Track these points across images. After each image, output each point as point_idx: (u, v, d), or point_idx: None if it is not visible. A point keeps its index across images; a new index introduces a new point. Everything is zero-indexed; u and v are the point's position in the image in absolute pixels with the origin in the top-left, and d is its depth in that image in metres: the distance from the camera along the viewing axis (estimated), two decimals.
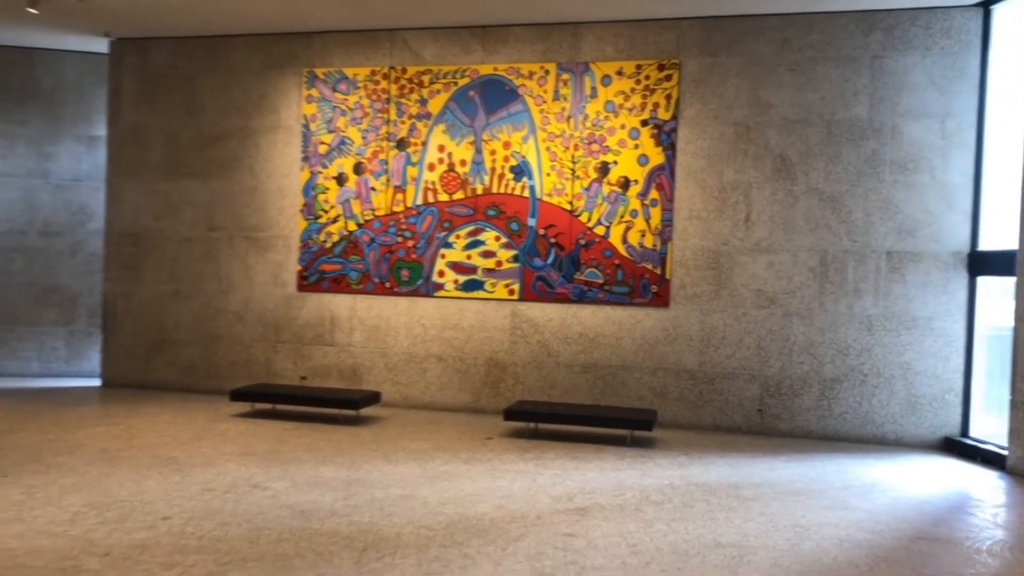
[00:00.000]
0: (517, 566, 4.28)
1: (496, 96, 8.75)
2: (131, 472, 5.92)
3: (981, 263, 7.61)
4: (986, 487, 6.46)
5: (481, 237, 8.79)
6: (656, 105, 8.40)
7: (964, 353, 7.75)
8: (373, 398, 8.27)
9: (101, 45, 9.98)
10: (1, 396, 8.98)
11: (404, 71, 9.00)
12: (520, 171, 8.67)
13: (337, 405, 8.00)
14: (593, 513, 5.30)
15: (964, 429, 7.74)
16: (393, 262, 9.06)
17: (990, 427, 7.53)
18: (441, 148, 8.89)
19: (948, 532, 5.21)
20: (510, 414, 7.62)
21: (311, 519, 4.96)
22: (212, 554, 4.30)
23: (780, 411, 8.14)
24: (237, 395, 8.21)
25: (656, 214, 8.39)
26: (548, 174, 8.61)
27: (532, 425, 7.93)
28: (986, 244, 7.65)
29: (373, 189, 9.11)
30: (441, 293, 8.93)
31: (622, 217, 8.45)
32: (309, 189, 9.29)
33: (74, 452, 6.46)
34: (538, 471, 6.38)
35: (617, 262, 8.47)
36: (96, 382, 10.06)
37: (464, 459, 6.70)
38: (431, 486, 5.83)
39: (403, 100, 9.00)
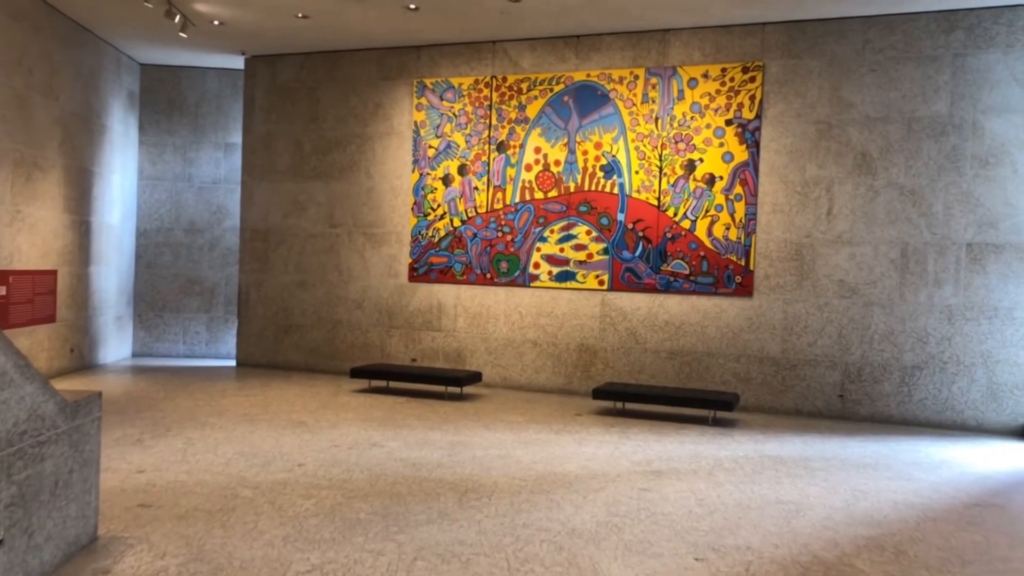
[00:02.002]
0: (595, 509, 4.97)
1: (589, 100, 9.43)
2: (269, 431, 6.92)
3: None
4: None
5: (573, 231, 9.48)
6: (740, 105, 8.88)
7: None
8: (475, 377, 9.09)
9: (237, 62, 11.23)
10: (155, 372, 10.29)
11: (504, 79, 9.79)
12: (610, 169, 9.32)
13: (443, 383, 8.86)
14: (668, 475, 5.93)
15: None
16: (493, 255, 9.86)
17: None
18: (537, 150, 9.64)
19: (1004, 501, 5.56)
20: (598, 393, 8.28)
21: (421, 469, 5.80)
22: (340, 491, 5.18)
23: (861, 397, 8.49)
24: (356, 372, 9.19)
25: (740, 208, 8.87)
26: (637, 172, 9.22)
27: (619, 404, 8.58)
28: None
29: (476, 188, 9.95)
30: (536, 284, 9.67)
31: (707, 211, 8.98)
32: (419, 189, 10.21)
33: (221, 415, 7.55)
34: (621, 441, 7.04)
35: (702, 254, 9.00)
36: (232, 362, 11.31)
37: (555, 430, 7.42)
38: (524, 449, 6.58)
39: (503, 106, 9.80)
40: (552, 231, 9.58)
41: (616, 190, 9.31)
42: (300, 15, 9.11)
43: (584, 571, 3.92)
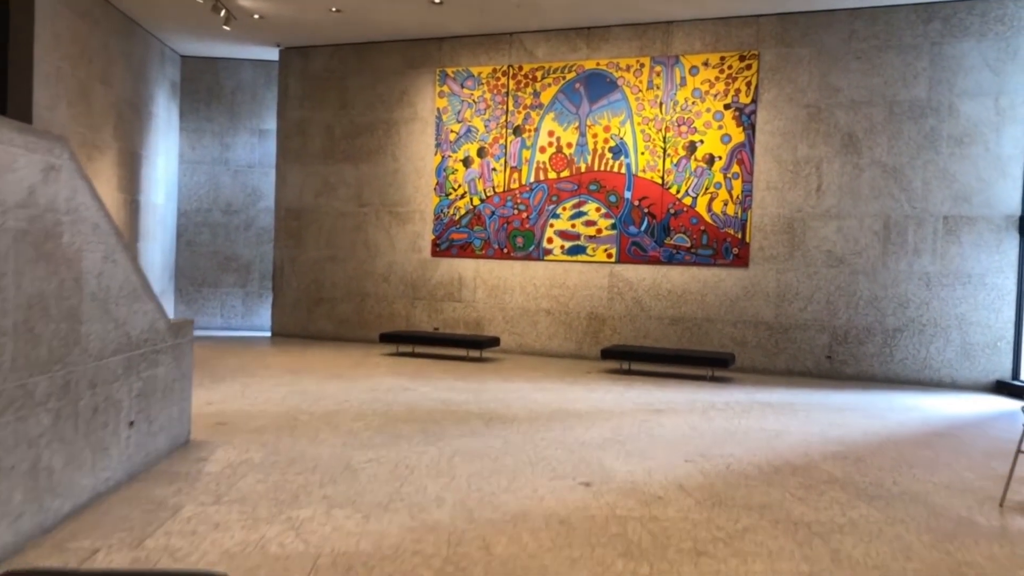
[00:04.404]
0: (602, 431, 5.80)
1: (598, 87, 10.24)
2: (314, 379, 7.79)
3: None
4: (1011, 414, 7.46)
5: (584, 208, 10.30)
6: (738, 91, 9.67)
7: (1015, 305, 8.68)
8: (494, 341, 9.92)
9: (271, 54, 12.08)
10: (198, 340, 11.10)
11: (520, 68, 10.61)
12: (618, 151, 10.13)
13: (465, 346, 9.70)
14: (667, 412, 6.75)
15: (1015, 373, 8.67)
16: (510, 231, 10.69)
17: None
18: (551, 133, 10.46)
19: (960, 432, 6.36)
20: (606, 353, 9.10)
21: (450, 405, 6.65)
22: (383, 417, 6.03)
23: (847, 357, 9.28)
24: (384, 337, 10.05)
25: (737, 186, 9.67)
26: (643, 153, 10.03)
27: (625, 364, 9.41)
28: None
29: (494, 170, 10.78)
30: (550, 257, 10.49)
31: (707, 189, 9.77)
32: (441, 170, 11.05)
33: (268, 369, 8.43)
34: (627, 390, 7.87)
35: (703, 228, 9.80)
36: (266, 333, 12.20)
37: (567, 382, 8.26)
38: (540, 393, 7.43)
39: (519, 93, 10.62)
40: (564, 208, 10.40)
41: (623, 170, 10.12)
42: (334, 9, 9.95)
43: (591, 465, 4.76)
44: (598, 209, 10.23)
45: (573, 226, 10.36)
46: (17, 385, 2.96)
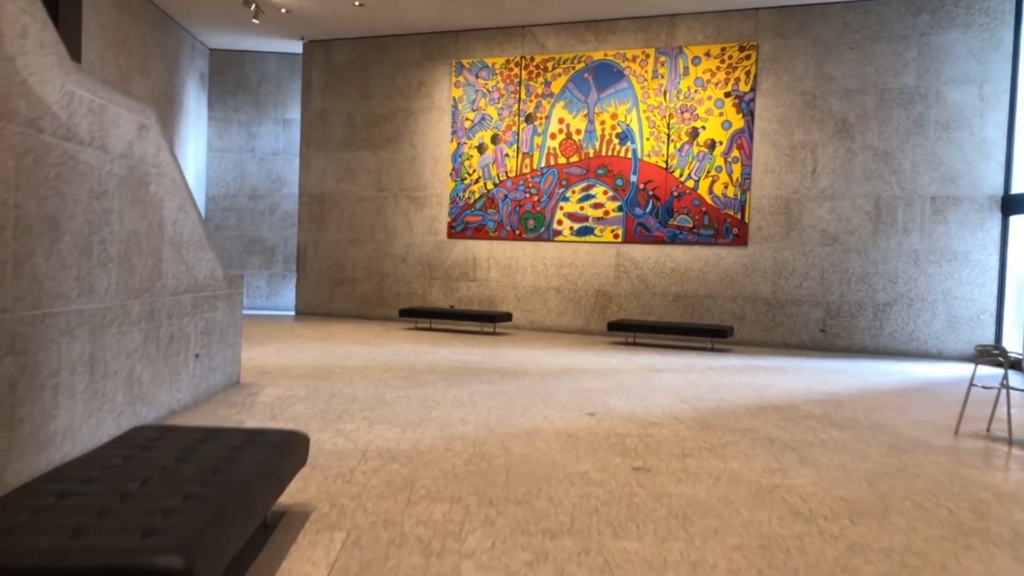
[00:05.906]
0: (607, 383, 6.40)
1: (606, 77, 10.83)
2: (340, 345, 8.41)
3: (1013, 204, 9.06)
4: (996, 378, 7.99)
5: (592, 192, 10.89)
6: (738, 80, 10.24)
7: (997, 280, 9.22)
8: (506, 316, 10.53)
9: (295, 47, 12.72)
10: None
11: (532, 59, 11.22)
12: (625, 137, 10.72)
13: (479, 320, 10.31)
14: (667, 371, 7.34)
15: (997, 343, 9.21)
16: (522, 214, 11.29)
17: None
18: (561, 120, 11.05)
19: (935, 387, 6.92)
20: (612, 326, 9.69)
21: (468, 363, 7.26)
22: (408, 370, 6.65)
23: (839, 331, 9.84)
24: (404, 313, 10.67)
25: (737, 169, 10.24)
26: (648, 139, 10.61)
27: (631, 337, 9.99)
28: (1017, 188, 9.09)
29: (507, 155, 11.38)
30: (559, 238, 11.08)
31: (709, 172, 10.35)
32: (456, 157, 11.66)
33: (297, 337, 9.06)
34: (631, 356, 8.46)
35: (704, 210, 10.37)
36: (290, 312, 12.84)
37: (575, 350, 8.86)
38: (551, 357, 8.03)
39: (531, 83, 11.22)
40: (573, 192, 11.00)
41: (630, 155, 10.71)
42: (357, 3, 10.58)
43: (596, 403, 5.36)
44: (605, 192, 10.82)
45: (582, 208, 10.95)
46: (119, 304, 3.59)
